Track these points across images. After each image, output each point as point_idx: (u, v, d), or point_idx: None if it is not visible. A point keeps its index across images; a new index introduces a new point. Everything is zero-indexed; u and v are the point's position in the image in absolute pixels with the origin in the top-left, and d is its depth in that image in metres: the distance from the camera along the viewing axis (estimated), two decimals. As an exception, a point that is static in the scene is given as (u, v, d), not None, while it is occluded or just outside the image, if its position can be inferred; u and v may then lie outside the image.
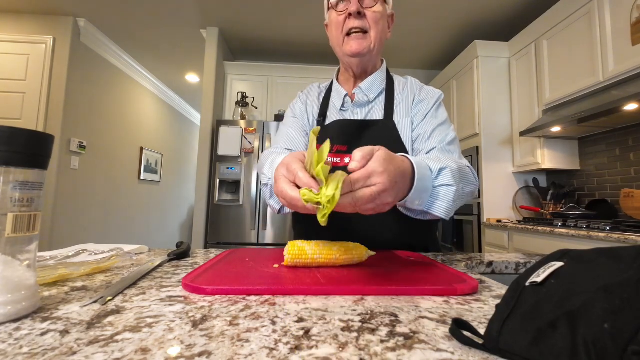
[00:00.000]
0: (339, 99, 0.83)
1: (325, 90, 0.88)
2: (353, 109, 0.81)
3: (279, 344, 0.26)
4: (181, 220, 5.51)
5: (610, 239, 1.50)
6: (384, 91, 0.82)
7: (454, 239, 2.95)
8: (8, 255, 0.31)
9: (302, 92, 0.92)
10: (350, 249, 0.55)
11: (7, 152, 0.30)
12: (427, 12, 2.75)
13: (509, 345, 0.24)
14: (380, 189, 0.41)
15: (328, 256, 0.53)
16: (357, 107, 0.81)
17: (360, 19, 0.73)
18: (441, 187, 0.56)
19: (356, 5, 0.72)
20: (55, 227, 2.72)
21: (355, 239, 0.59)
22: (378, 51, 0.79)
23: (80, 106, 2.99)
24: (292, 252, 0.53)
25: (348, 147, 0.73)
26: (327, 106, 0.84)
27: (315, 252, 0.53)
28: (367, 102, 0.81)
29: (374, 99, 0.81)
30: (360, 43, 0.74)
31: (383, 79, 0.83)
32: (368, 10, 0.73)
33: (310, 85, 0.93)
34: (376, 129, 0.76)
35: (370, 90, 0.81)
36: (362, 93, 0.81)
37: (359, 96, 0.80)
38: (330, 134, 0.76)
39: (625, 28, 1.77)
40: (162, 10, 2.80)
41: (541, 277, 0.27)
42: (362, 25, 0.73)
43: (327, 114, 0.83)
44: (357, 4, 0.72)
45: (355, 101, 0.81)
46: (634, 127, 2.00)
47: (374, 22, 0.73)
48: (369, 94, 0.80)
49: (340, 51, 0.78)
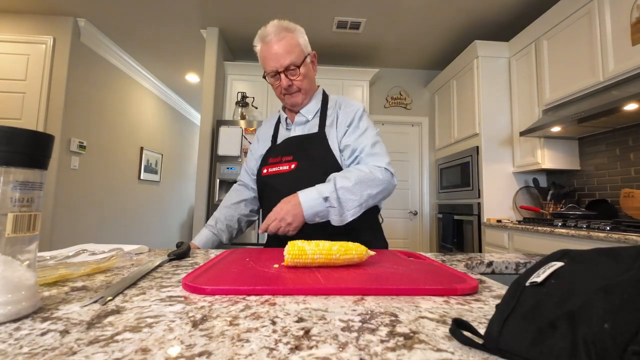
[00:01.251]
0: (283, 122, 1.06)
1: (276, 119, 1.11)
2: (294, 127, 1.02)
3: (279, 344, 0.26)
4: (181, 220, 5.51)
5: (610, 239, 1.50)
6: (319, 111, 1.01)
7: (454, 239, 2.95)
8: (8, 255, 0.31)
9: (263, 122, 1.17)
10: (350, 249, 0.55)
11: (7, 152, 0.30)
12: (427, 12, 2.75)
13: (509, 345, 0.24)
14: (276, 220, 0.81)
15: (328, 256, 0.53)
16: (297, 125, 1.02)
17: (289, 88, 0.94)
18: (344, 201, 0.81)
19: (285, 82, 0.92)
20: (55, 227, 2.72)
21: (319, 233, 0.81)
22: (310, 94, 1.00)
23: (80, 106, 2.99)
24: (292, 252, 0.53)
25: (293, 157, 0.94)
26: (278, 130, 1.08)
27: (315, 252, 0.53)
28: (306, 121, 1.01)
29: (312, 118, 1.00)
30: (295, 100, 0.97)
31: (319, 101, 1.03)
32: (294, 80, 0.92)
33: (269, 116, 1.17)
34: (312, 141, 0.96)
35: (308, 112, 1.01)
36: (302, 115, 1.01)
37: (299, 117, 1.01)
38: (279, 149, 1.00)
39: (625, 28, 1.77)
40: (162, 10, 2.80)
41: (541, 277, 0.27)
42: (292, 90, 0.95)
43: (278, 136, 1.06)
44: (286, 79, 0.91)
45: (296, 121, 1.01)
46: (634, 127, 2.00)
47: (300, 84, 0.94)
48: (307, 115, 1.01)
49: (283, 102, 1.01)
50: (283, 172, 0.94)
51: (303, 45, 0.93)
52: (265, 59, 0.92)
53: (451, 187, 3.18)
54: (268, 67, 0.91)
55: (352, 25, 2.95)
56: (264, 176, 0.98)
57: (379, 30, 3.03)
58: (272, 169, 0.97)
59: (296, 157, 0.94)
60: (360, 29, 3.01)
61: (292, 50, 0.90)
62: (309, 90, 0.98)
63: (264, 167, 1.00)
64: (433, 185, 3.63)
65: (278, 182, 0.93)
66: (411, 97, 3.78)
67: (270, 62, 0.90)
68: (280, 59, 0.89)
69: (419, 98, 3.80)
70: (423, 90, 3.79)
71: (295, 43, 0.91)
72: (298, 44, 0.92)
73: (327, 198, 0.80)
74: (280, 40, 0.89)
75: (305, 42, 0.95)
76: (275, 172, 0.95)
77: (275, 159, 0.97)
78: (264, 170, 0.99)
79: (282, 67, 0.89)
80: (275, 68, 0.90)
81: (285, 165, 0.94)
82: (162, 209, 4.72)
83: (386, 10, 2.73)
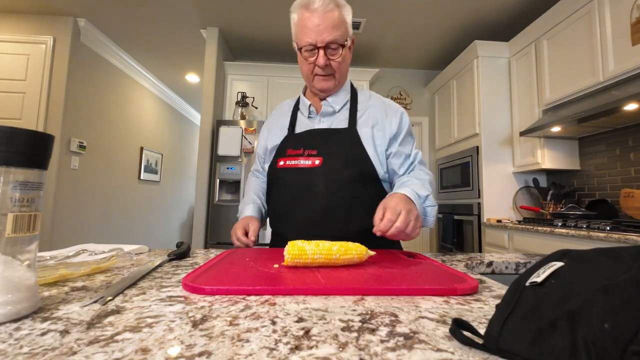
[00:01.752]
0: (305, 109, 0.94)
1: (294, 104, 1.00)
2: (320, 118, 0.91)
3: (279, 344, 0.26)
4: (181, 220, 5.51)
5: (610, 239, 1.50)
6: (348, 102, 0.92)
7: (454, 239, 2.95)
8: (8, 255, 0.31)
9: (274, 111, 1.06)
10: (350, 249, 0.55)
11: (7, 152, 0.30)
12: (427, 12, 2.75)
13: (509, 345, 0.24)
14: (403, 215, 0.66)
15: (328, 256, 0.53)
16: (323, 116, 0.91)
17: (326, 68, 0.83)
18: (428, 208, 0.78)
19: (323, 60, 0.80)
20: (55, 227, 2.72)
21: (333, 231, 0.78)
22: (342, 82, 0.91)
23: (80, 106, 2.99)
24: (292, 252, 0.52)
25: (317, 151, 0.85)
26: (296, 118, 0.95)
27: (315, 252, 0.53)
28: (332, 113, 0.91)
29: (339, 110, 0.91)
30: (327, 83, 0.86)
31: (347, 92, 0.93)
32: (332, 60, 0.82)
33: (281, 103, 1.06)
34: (341, 136, 0.86)
35: (336, 103, 0.90)
36: (329, 105, 0.90)
37: (325, 107, 0.90)
38: (302, 140, 0.89)
39: (625, 28, 1.76)
40: (162, 10, 2.80)
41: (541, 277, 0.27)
42: (328, 72, 0.84)
43: (296, 124, 0.94)
44: (324, 57, 0.80)
45: (322, 112, 0.91)
46: (634, 127, 2.00)
47: (337, 68, 0.84)
48: (335, 106, 0.90)
49: (309, 83, 0.90)
50: (304, 167, 0.83)
51: (349, 25, 0.84)
52: (304, 28, 0.79)
53: (451, 187, 3.18)
54: (305, 38, 0.79)
55: (352, 25, 2.95)
56: (280, 169, 0.88)
57: (379, 30, 3.03)
58: (290, 162, 0.86)
59: (321, 153, 0.84)
60: (360, 29, 3.01)
61: (338, 26, 0.79)
62: (342, 78, 0.89)
63: (280, 159, 0.88)
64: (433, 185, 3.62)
65: (297, 178, 0.84)
66: (411, 97, 3.78)
67: (309, 34, 0.78)
68: (323, 32, 0.77)
69: (419, 98, 3.80)
70: (423, 90, 3.79)
71: (342, 20, 0.80)
72: (345, 21, 0.81)
73: (427, 197, 0.76)
74: (327, 12, 0.78)
75: (350, 23, 0.85)
76: (294, 165, 0.85)
77: (297, 150, 0.87)
78: (279, 161, 0.88)
79: (324, 42, 0.78)
80: (314, 41, 0.78)
81: (307, 160, 0.84)
82: (162, 209, 4.72)
83: (386, 10, 2.73)
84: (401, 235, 0.64)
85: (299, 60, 0.87)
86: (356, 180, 0.82)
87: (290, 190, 0.85)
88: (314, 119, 0.92)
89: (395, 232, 0.63)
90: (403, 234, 0.64)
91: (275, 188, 0.90)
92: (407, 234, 0.65)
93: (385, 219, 0.64)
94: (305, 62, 0.84)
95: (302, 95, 0.97)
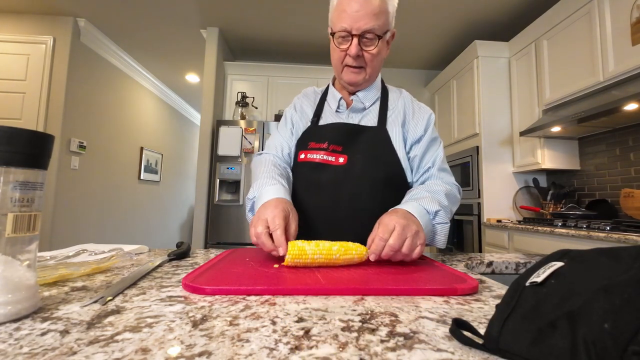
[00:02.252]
0: (334, 102, 0.87)
1: (322, 93, 0.92)
2: (349, 113, 0.85)
3: (279, 344, 0.26)
4: (181, 220, 5.51)
5: (610, 239, 1.50)
6: (379, 100, 0.86)
7: (454, 239, 2.95)
8: (8, 255, 0.31)
9: (298, 97, 0.96)
10: (350, 249, 0.55)
11: (7, 152, 0.30)
12: (427, 12, 2.75)
13: (509, 345, 0.24)
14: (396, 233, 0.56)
15: (328, 256, 0.53)
16: (352, 112, 0.85)
17: (357, 59, 0.76)
18: (438, 225, 0.69)
19: (355, 49, 0.73)
20: (55, 227, 2.72)
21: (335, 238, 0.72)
22: (373, 78, 0.84)
23: (80, 106, 2.99)
24: (292, 252, 0.52)
25: (342, 148, 0.79)
26: (322, 108, 0.88)
27: (315, 252, 0.53)
28: (362, 109, 0.85)
29: (369, 107, 0.85)
30: (356, 76, 0.79)
31: (378, 89, 0.88)
32: (366, 52, 0.75)
33: (306, 89, 0.97)
34: (370, 135, 0.80)
35: (366, 99, 0.85)
36: (359, 100, 0.85)
37: (356, 103, 0.85)
38: (327, 133, 0.81)
39: (625, 28, 1.76)
40: (162, 10, 2.80)
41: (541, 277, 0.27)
42: (359, 64, 0.77)
43: (322, 115, 0.87)
44: (357, 47, 0.73)
45: (352, 107, 0.85)
46: (634, 127, 2.00)
47: (370, 61, 0.77)
48: (365, 102, 0.85)
49: (338, 74, 0.83)
50: (328, 163, 0.78)
51: (392, 16, 0.77)
52: (341, 13, 0.73)
53: (451, 187, 3.18)
54: (341, 23, 0.73)
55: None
56: (300, 162, 0.81)
57: (379, 30, 3.03)
58: (312, 156, 0.79)
59: (347, 150, 0.78)
60: (360, 29, 3.01)
61: (378, 15, 0.72)
62: (374, 73, 0.82)
63: (301, 151, 0.82)
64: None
65: (318, 175, 0.78)
66: (411, 97, 3.78)
67: (345, 19, 0.72)
68: (360, 19, 0.71)
69: (419, 98, 3.78)
70: (423, 90, 3.79)
71: (385, 9, 0.74)
72: (387, 11, 0.74)
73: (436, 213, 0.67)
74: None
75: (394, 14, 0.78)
76: (316, 160, 0.79)
77: (320, 144, 0.80)
78: (300, 154, 0.82)
79: (359, 30, 0.72)
80: (349, 27, 0.72)
81: (331, 156, 0.78)
82: (162, 209, 4.72)
83: (386, 10, 2.73)
84: (398, 255, 0.56)
85: (331, 47, 0.80)
86: (383, 183, 0.76)
87: (308, 187, 0.79)
88: (341, 113, 0.86)
89: (389, 252, 0.54)
90: (400, 255, 0.56)
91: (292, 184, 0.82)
92: (405, 254, 0.55)
93: (376, 239, 0.55)
94: (336, 49, 0.77)
95: (331, 86, 0.90)
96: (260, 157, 0.88)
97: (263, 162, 0.82)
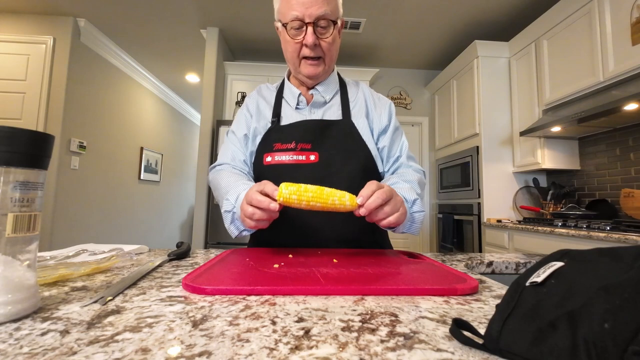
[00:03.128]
0: (292, 98, 0.83)
1: (276, 90, 0.88)
2: (310, 108, 0.82)
3: (279, 344, 0.26)
4: (181, 220, 5.51)
5: (610, 239, 1.50)
6: (338, 92, 0.85)
7: (454, 239, 2.95)
8: (8, 255, 0.31)
9: (251, 96, 0.90)
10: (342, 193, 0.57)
11: (7, 152, 0.30)
12: (427, 12, 2.75)
13: (509, 346, 0.24)
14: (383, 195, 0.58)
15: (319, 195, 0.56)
16: (313, 107, 0.83)
17: (315, 49, 0.74)
18: (415, 213, 0.70)
19: (312, 38, 0.71)
20: (55, 227, 2.72)
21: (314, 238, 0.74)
22: (331, 69, 0.82)
23: (80, 106, 2.99)
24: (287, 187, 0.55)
25: (312, 145, 0.77)
26: (280, 106, 0.84)
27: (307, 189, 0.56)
28: (323, 103, 0.83)
29: (330, 99, 0.83)
30: (316, 68, 0.77)
31: (336, 82, 0.86)
32: (322, 40, 0.73)
33: (259, 87, 0.92)
34: (338, 129, 0.79)
35: (326, 92, 0.83)
36: (319, 94, 0.82)
37: (317, 97, 0.82)
38: (293, 132, 0.78)
39: (625, 28, 1.76)
40: (162, 10, 2.80)
41: (541, 277, 0.27)
42: (317, 54, 0.75)
43: (282, 114, 0.83)
44: (313, 35, 0.71)
45: (313, 101, 0.82)
46: (634, 127, 2.00)
47: (327, 50, 0.75)
48: (325, 95, 0.83)
49: (294, 69, 0.80)
50: (299, 163, 0.75)
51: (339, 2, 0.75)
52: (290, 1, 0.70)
53: (451, 187, 3.18)
54: (291, 11, 0.70)
55: (352, 25, 2.95)
56: (267, 166, 0.77)
57: (379, 30, 3.03)
58: (280, 158, 0.76)
59: (316, 147, 0.76)
60: (360, 29, 3.01)
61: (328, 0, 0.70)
62: (331, 64, 0.79)
63: (266, 154, 0.78)
64: (433, 185, 3.63)
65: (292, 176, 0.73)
66: (411, 97, 3.78)
67: (296, 7, 0.69)
68: (312, 5, 0.69)
69: (419, 98, 3.80)
70: (423, 90, 3.79)
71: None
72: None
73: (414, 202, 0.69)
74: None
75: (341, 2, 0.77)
76: (285, 162, 0.76)
77: (287, 144, 0.77)
78: (266, 157, 0.78)
79: (312, 17, 0.69)
80: (302, 15, 0.69)
81: (301, 155, 0.75)
82: (162, 209, 4.72)
83: (386, 10, 2.73)
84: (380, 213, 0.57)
85: (283, 40, 0.76)
86: (360, 177, 0.74)
87: None
88: (302, 110, 0.82)
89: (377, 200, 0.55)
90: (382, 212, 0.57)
91: None
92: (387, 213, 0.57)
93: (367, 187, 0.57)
94: (291, 42, 0.74)
95: (287, 81, 0.86)
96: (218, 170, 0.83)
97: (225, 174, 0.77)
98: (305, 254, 0.64)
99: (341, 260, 0.58)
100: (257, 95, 0.89)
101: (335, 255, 0.63)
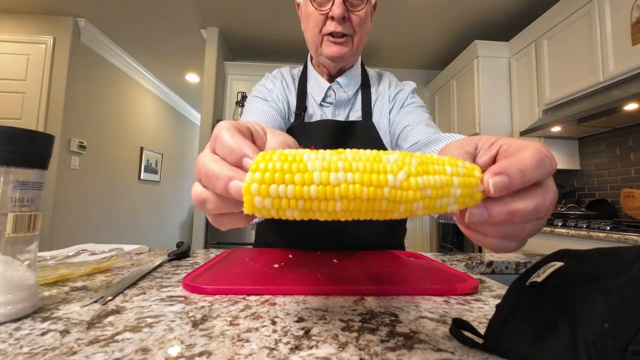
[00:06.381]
0: (319, 92, 0.72)
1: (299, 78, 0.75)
2: (334, 109, 0.72)
3: (279, 344, 0.26)
4: (181, 220, 5.51)
5: (610, 239, 1.50)
6: (360, 87, 0.74)
7: (454, 239, 2.95)
8: (8, 255, 0.31)
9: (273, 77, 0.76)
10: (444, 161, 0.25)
11: (7, 152, 0.30)
12: (427, 12, 2.75)
13: (509, 345, 0.24)
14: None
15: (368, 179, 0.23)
16: (338, 106, 0.72)
17: (343, 24, 0.62)
18: None
19: (341, 9, 0.60)
20: (55, 227, 2.72)
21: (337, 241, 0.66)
22: (359, 53, 0.70)
23: (80, 106, 2.99)
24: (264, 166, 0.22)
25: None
26: (305, 98, 0.73)
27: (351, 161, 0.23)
28: (347, 101, 0.72)
29: (352, 95, 0.74)
30: (341, 48, 0.65)
31: (359, 75, 0.75)
32: (353, 13, 0.62)
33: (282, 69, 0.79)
34: (357, 131, 0.70)
35: (349, 87, 0.72)
36: (341, 89, 0.72)
37: (339, 93, 0.72)
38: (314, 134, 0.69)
39: (625, 28, 1.76)
40: (162, 10, 2.80)
41: (541, 277, 0.27)
42: (345, 30, 0.63)
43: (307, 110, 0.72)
44: (342, 6, 0.60)
45: (338, 99, 0.72)
46: (634, 127, 2.00)
47: (358, 26, 0.63)
48: (348, 91, 0.72)
49: (315, 49, 0.68)
50: None
51: None
52: None
53: (451, 187, 3.18)
54: None
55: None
56: None
57: (379, 30, 3.03)
58: None
59: None
60: (360, 29, 3.01)
61: None
62: (361, 46, 0.67)
63: None
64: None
65: None
66: (411, 97, 3.78)
67: None
68: None
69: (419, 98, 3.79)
70: (423, 90, 3.79)
71: None
72: None
73: None
74: None
75: None
76: None
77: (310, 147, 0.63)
78: None
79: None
80: None
81: None
82: (162, 209, 4.72)
83: (386, 10, 2.73)
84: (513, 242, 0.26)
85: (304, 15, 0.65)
86: None
87: None
88: (326, 108, 0.72)
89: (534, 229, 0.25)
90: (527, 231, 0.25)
91: None
92: (531, 231, 0.25)
93: (547, 202, 0.22)
94: (313, 14, 0.62)
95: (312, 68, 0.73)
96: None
97: None
98: (305, 254, 0.64)
99: (341, 260, 0.58)
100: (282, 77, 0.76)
101: (335, 255, 0.63)
